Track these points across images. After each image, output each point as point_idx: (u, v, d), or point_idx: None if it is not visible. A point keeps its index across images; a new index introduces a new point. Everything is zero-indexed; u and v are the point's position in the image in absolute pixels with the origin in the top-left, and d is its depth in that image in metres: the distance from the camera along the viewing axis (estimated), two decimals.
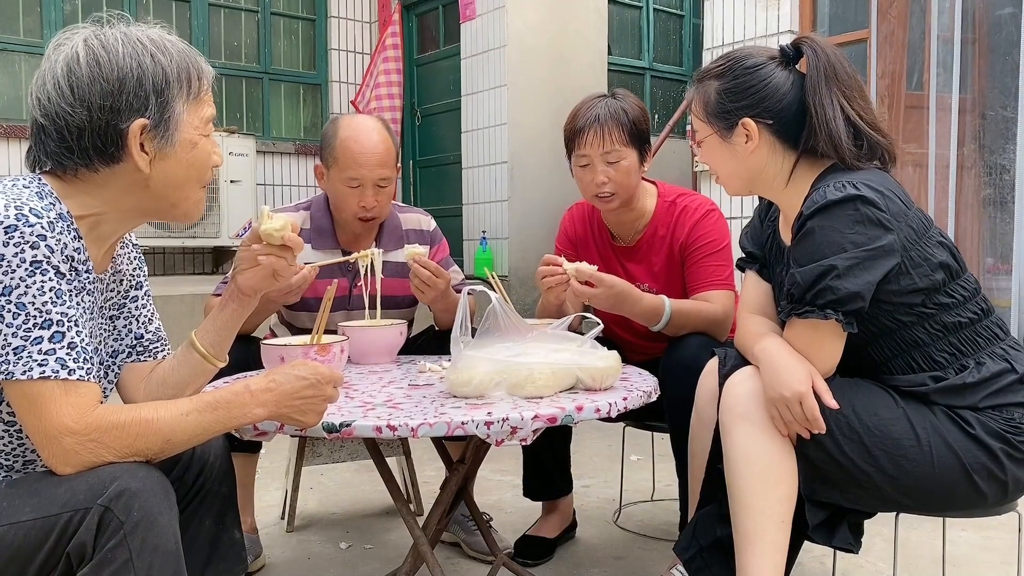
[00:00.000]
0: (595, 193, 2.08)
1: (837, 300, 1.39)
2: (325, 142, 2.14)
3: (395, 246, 2.21)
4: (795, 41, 1.56)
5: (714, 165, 1.65)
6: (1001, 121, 3.56)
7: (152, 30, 1.24)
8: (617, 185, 2.05)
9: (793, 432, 1.43)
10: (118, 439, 1.11)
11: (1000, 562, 2.19)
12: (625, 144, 2.04)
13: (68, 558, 1.06)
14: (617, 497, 2.70)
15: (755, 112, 1.54)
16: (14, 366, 1.09)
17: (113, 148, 1.20)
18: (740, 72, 1.55)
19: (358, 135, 2.10)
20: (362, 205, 2.10)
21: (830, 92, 1.50)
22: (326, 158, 2.14)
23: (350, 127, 2.12)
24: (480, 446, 1.72)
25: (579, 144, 2.06)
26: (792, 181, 1.57)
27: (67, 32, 1.23)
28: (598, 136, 2.03)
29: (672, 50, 6.93)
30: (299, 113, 6.48)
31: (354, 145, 2.08)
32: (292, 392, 1.25)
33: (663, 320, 1.96)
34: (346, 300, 2.19)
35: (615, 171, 2.04)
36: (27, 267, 1.09)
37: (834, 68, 1.50)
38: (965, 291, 1.49)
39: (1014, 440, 1.42)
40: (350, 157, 2.08)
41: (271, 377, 1.25)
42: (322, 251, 2.17)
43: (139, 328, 1.41)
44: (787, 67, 1.56)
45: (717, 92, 1.57)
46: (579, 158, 2.08)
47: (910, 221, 1.44)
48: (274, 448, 3.12)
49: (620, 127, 2.03)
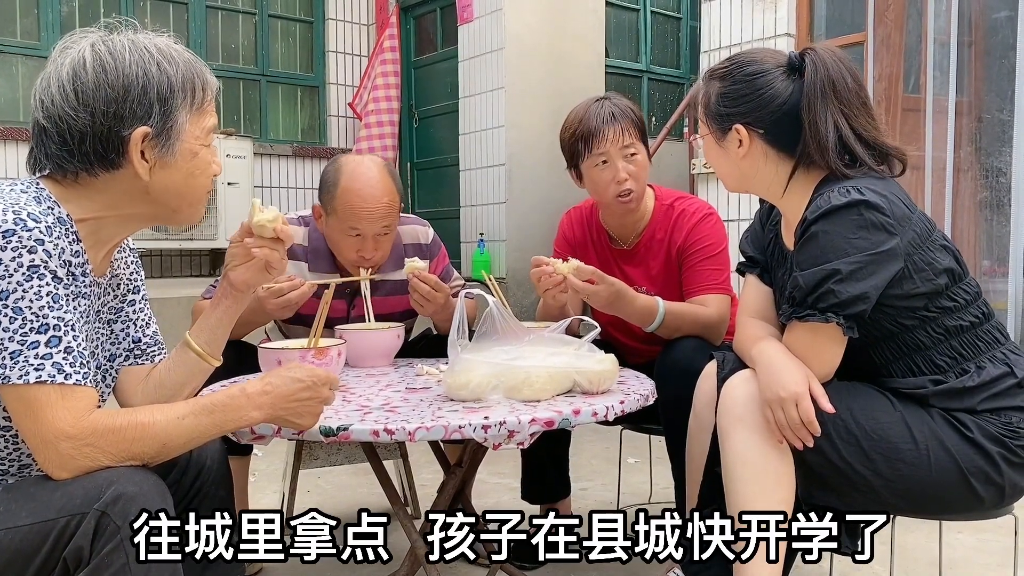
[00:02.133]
0: (617, 193, 2.06)
1: (839, 304, 1.39)
2: (325, 187, 2.03)
3: (395, 266, 2.15)
4: (803, 51, 1.56)
5: (712, 163, 1.68)
6: (997, 124, 3.57)
7: (160, 38, 1.25)
8: (637, 181, 2.06)
9: (789, 438, 1.43)
10: (114, 443, 1.11)
11: (997, 564, 2.19)
12: (639, 139, 2.07)
13: (65, 563, 1.06)
14: (615, 500, 2.70)
15: (747, 120, 1.54)
16: (10, 370, 1.09)
17: (114, 154, 1.20)
18: (739, 78, 1.56)
19: (361, 188, 1.98)
20: (361, 255, 2.03)
21: (826, 108, 1.48)
22: (326, 203, 2.03)
23: (353, 176, 1.99)
24: (478, 449, 1.73)
25: (596, 144, 2.04)
26: (789, 189, 1.57)
27: (75, 36, 1.23)
28: (617, 132, 2.03)
29: (669, 52, 6.93)
30: (297, 115, 6.48)
31: (356, 199, 1.97)
32: (288, 395, 1.25)
33: (656, 321, 1.96)
34: (343, 321, 2.14)
35: (634, 167, 2.06)
36: (24, 271, 1.10)
37: (833, 83, 1.49)
38: (967, 295, 1.49)
39: (1012, 445, 1.42)
40: (351, 211, 1.97)
41: (267, 380, 1.26)
42: (319, 273, 2.12)
43: (136, 332, 1.41)
44: (792, 76, 1.54)
45: (716, 94, 1.58)
46: (596, 158, 2.05)
47: (914, 225, 1.44)
48: (271, 451, 3.12)
49: (633, 123, 2.06)
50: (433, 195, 6.13)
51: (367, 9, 6.55)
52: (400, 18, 6.26)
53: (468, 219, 5.49)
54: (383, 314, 2.14)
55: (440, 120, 6.04)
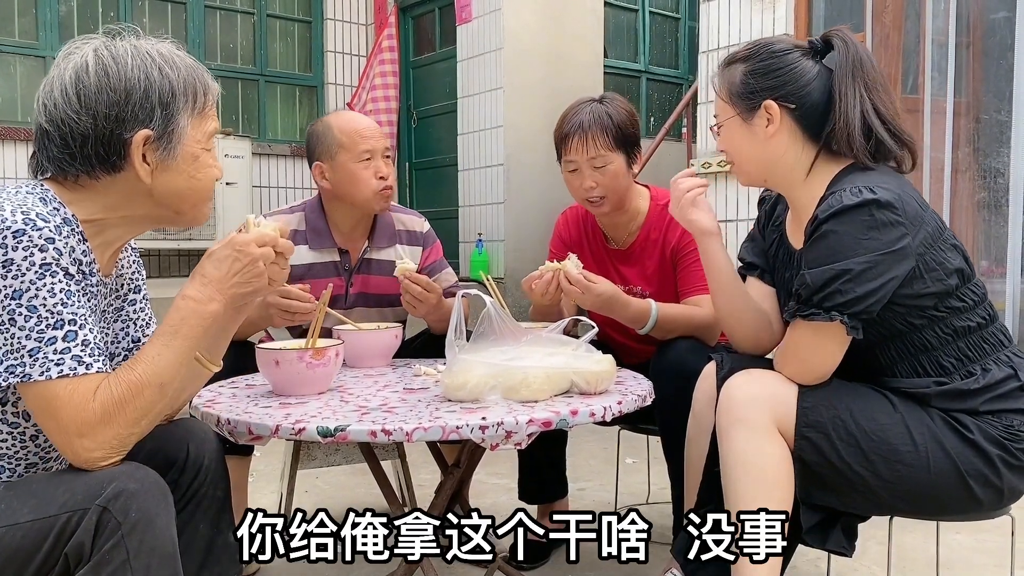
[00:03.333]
0: (584, 197, 2.10)
1: (844, 303, 1.39)
2: (318, 139, 2.20)
3: (387, 243, 2.27)
4: (825, 34, 1.56)
5: (732, 150, 1.62)
6: (995, 125, 3.57)
7: (162, 44, 1.26)
8: (605, 189, 2.06)
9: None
10: (123, 411, 1.13)
11: (994, 565, 2.19)
12: (611, 149, 2.04)
13: (66, 559, 1.06)
14: (613, 500, 2.70)
15: (779, 95, 1.54)
16: (31, 368, 1.10)
17: (115, 157, 1.21)
18: (767, 55, 1.56)
19: (351, 117, 2.25)
20: (380, 176, 2.16)
21: (855, 83, 1.50)
22: (326, 151, 2.18)
23: (339, 116, 2.24)
24: (475, 450, 1.73)
25: (566, 150, 2.08)
26: (811, 175, 1.56)
27: (78, 41, 1.24)
28: (582, 142, 2.04)
29: (668, 53, 6.93)
30: (295, 115, 6.48)
31: (354, 124, 2.19)
32: (224, 275, 1.25)
33: (649, 324, 1.97)
34: (342, 299, 2.21)
35: (603, 175, 2.05)
36: (37, 270, 1.11)
37: (861, 61, 1.51)
38: (975, 295, 1.49)
39: (1012, 448, 1.42)
40: (356, 133, 2.16)
41: (200, 272, 1.25)
42: (318, 250, 2.21)
43: (136, 332, 1.41)
44: (815, 59, 1.55)
45: (743, 74, 1.57)
46: (567, 163, 2.10)
47: (926, 224, 1.44)
48: (269, 451, 3.11)
49: (604, 132, 2.04)
50: (431, 195, 6.13)
51: (366, 9, 6.55)
52: (399, 18, 6.26)
53: (466, 219, 5.49)
54: (378, 294, 2.24)
55: (438, 120, 6.04)
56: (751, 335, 1.67)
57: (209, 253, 1.29)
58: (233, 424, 1.42)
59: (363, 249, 2.26)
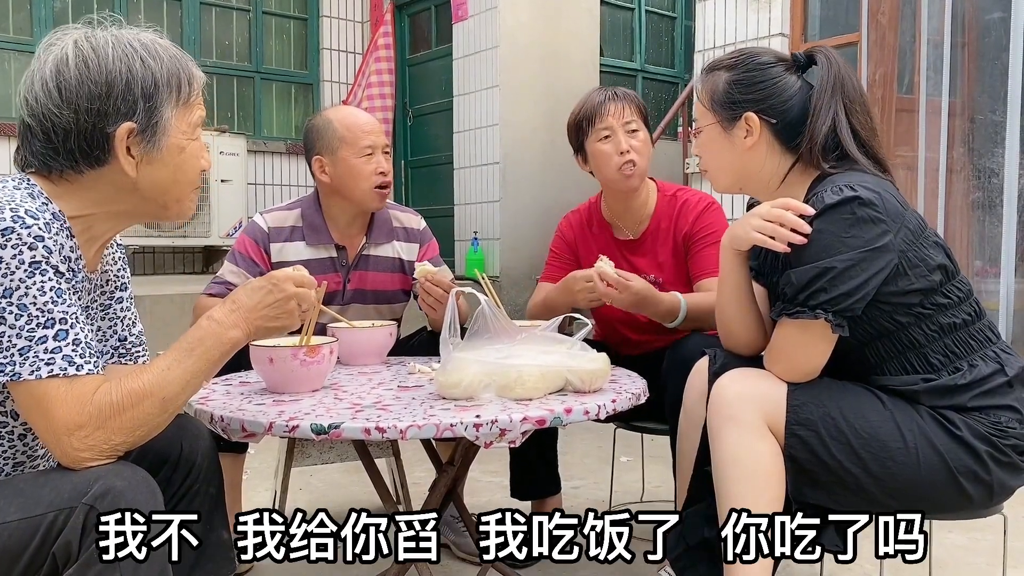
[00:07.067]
0: (619, 165, 2.14)
1: (829, 301, 1.40)
2: (319, 133, 2.20)
3: (385, 240, 2.29)
4: (809, 50, 1.58)
5: (708, 156, 1.65)
6: (990, 125, 3.58)
7: (144, 34, 1.23)
8: (638, 154, 2.15)
9: (782, 235, 1.45)
10: (119, 418, 1.11)
11: (986, 564, 2.20)
12: (641, 118, 2.18)
13: (54, 558, 1.05)
14: (607, 498, 2.70)
15: (760, 108, 1.55)
16: (20, 367, 1.08)
17: (99, 151, 1.19)
18: (752, 66, 1.57)
19: (351, 112, 2.26)
20: (380, 171, 2.18)
21: (833, 100, 1.52)
22: (326, 145, 2.18)
23: (338, 111, 2.25)
24: (469, 448, 1.72)
25: (599, 118, 2.15)
26: (784, 184, 1.58)
27: (58, 33, 1.21)
28: (619, 107, 2.15)
29: (664, 52, 6.94)
30: (291, 113, 6.47)
31: (354, 119, 2.21)
32: (255, 304, 1.25)
33: (679, 318, 2.02)
34: (339, 295, 2.21)
35: (636, 141, 2.15)
36: (26, 268, 1.09)
37: (843, 80, 1.53)
38: (960, 292, 1.51)
39: (1000, 444, 1.43)
40: (356, 128, 2.18)
41: (231, 299, 1.26)
42: (315, 246, 2.22)
43: (123, 330, 1.40)
44: (797, 74, 1.57)
45: (727, 82, 1.58)
46: (599, 132, 2.16)
47: (907, 222, 1.45)
48: (263, 449, 3.11)
49: (634, 103, 2.18)
50: (427, 193, 6.13)
51: (362, 6, 6.54)
52: (394, 16, 6.25)
53: (462, 217, 5.48)
54: (375, 291, 2.25)
55: (434, 118, 6.03)
56: (752, 340, 1.68)
57: (248, 282, 1.30)
58: (227, 421, 1.42)
59: (361, 245, 2.26)
